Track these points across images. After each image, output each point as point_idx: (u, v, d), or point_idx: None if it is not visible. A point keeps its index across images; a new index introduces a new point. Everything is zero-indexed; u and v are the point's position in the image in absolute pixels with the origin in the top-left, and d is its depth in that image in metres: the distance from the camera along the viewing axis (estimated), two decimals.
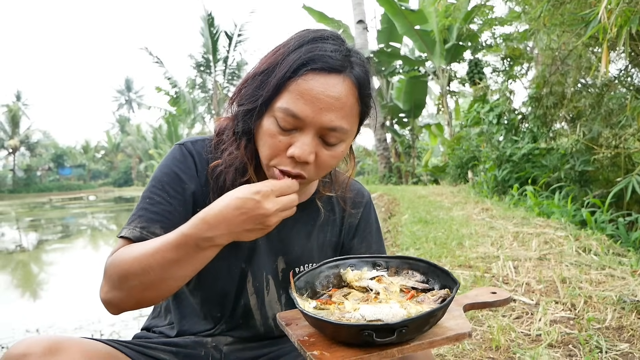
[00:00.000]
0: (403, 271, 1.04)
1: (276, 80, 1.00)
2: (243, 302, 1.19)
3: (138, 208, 1.09)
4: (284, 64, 1.00)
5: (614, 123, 5.76)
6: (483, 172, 9.40)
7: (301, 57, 0.99)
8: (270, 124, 1.01)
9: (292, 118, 0.99)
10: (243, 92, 1.08)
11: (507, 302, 0.99)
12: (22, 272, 7.74)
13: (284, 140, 1.01)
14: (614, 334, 2.00)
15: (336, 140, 1.03)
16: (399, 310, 0.83)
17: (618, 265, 3.02)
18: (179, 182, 1.11)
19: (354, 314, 0.84)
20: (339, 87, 1.00)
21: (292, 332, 0.89)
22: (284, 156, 1.02)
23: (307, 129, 1.00)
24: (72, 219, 17.95)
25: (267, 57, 1.06)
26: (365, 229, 1.33)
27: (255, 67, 1.08)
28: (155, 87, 25.46)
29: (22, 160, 56.49)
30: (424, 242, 4.23)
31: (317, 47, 1.01)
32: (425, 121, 23.37)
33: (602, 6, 3.56)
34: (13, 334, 4.03)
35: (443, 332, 0.83)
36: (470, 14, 13.27)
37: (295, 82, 0.98)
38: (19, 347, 0.87)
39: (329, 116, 0.99)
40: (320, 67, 0.99)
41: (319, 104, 0.98)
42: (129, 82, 78.49)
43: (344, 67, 1.01)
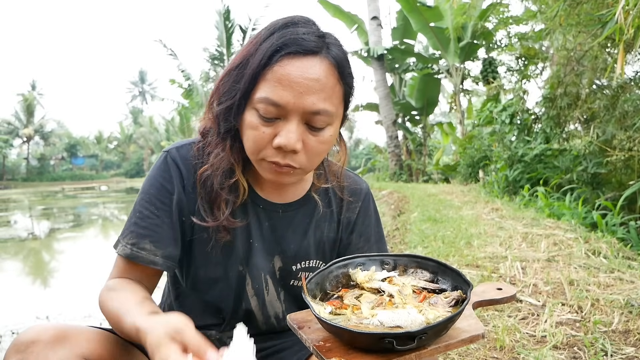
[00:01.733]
0: (411, 270, 1.03)
1: (251, 71, 0.98)
2: (244, 306, 1.19)
3: (130, 222, 1.12)
4: (257, 54, 0.98)
5: (628, 125, 5.70)
6: (494, 171, 9.35)
7: (274, 43, 0.97)
8: (252, 116, 1.00)
9: (272, 107, 0.97)
10: (220, 90, 1.06)
11: (513, 298, 0.99)
12: (34, 260, 7.84)
13: (267, 131, 0.99)
14: (620, 338, 1.99)
15: (322, 124, 1.01)
16: (418, 316, 0.82)
17: (627, 269, 2.99)
18: (165, 193, 1.12)
19: (372, 320, 0.84)
20: (317, 68, 0.98)
21: (307, 336, 0.87)
22: (270, 148, 1.00)
23: (290, 115, 0.98)
24: (83, 209, 18.13)
25: (241, 51, 1.05)
26: (364, 222, 1.30)
27: (230, 62, 1.07)
28: (169, 80, 25.54)
29: (36, 149, 57.14)
30: (432, 241, 4.22)
31: (289, 32, 0.99)
32: (438, 119, 23.30)
33: (620, 7, 3.52)
34: (23, 320, 4.09)
35: (457, 335, 0.83)
36: (485, 12, 13.16)
37: (271, 70, 0.96)
38: (27, 334, 0.89)
39: (311, 99, 0.97)
40: (294, 51, 0.97)
41: (298, 88, 0.96)
42: (143, 73, 79.04)
43: (319, 48, 0.99)
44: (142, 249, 1.08)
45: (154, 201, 1.11)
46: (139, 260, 1.08)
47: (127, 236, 1.10)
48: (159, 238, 1.09)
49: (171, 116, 44.64)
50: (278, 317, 1.22)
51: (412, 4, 13.78)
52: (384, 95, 16.67)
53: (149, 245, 1.08)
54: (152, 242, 1.09)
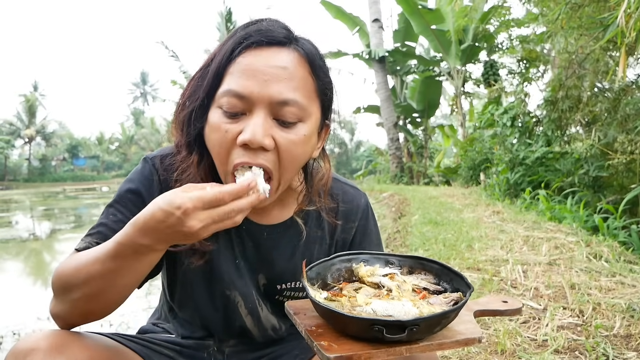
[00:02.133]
0: (416, 271, 1.03)
1: (215, 67, 0.92)
2: (237, 324, 1.15)
3: (99, 222, 1.04)
4: (221, 52, 0.93)
5: (630, 128, 5.70)
6: (495, 174, 9.34)
7: (238, 36, 0.92)
8: (215, 114, 0.92)
9: (236, 99, 0.89)
10: (185, 95, 0.99)
11: (518, 312, 0.97)
12: (35, 260, 7.84)
13: (231, 129, 0.90)
14: (621, 342, 1.99)
15: (293, 117, 0.92)
16: (412, 308, 0.81)
17: (629, 273, 2.99)
18: (142, 201, 1.04)
19: (365, 307, 0.83)
20: (284, 56, 0.91)
21: (300, 321, 0.87)
22: (235, 148, 0.91)
23: (256, 107, 0.89)
24: (85, 209, 18.14)
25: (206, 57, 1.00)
26: (362, 242, 1.21)
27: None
28: (170, 81, 25.55)
29: (37, 149, 57.21)
30: (433, 244, 4.22)
31: (249, 29, 0.94)
32: (439, 122, 23.29)
33: (621, 10, 3.52)
34: (24, 321, 4.10)
35: (453, 336, 0.82)
36: (487, 15, 13.17)
37: (235, 62, 0.90)
38: (25, 343, 0.87)
39: (277, 87, 0.89)
40: (259, 40, 0.91)
41: (262, 76, 0.89)
42: (145, 75, 79.20)
43: (287, 40, 0.93)
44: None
45: (129, 206, 1.04)
46: None
47: (93, 235, 1.01)
48: None
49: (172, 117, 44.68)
50: (275, 328, 1.20)
51: (413, 6, 13.79)
52: (385, 98, 16.68)
53: None
54: None
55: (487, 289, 2.77)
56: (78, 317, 0.93)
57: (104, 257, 0.85)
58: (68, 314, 0.92)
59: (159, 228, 0.80)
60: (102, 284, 0.87)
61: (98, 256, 0.86)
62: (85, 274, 0.87)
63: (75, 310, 0.91)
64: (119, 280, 0.87)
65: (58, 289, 0.91)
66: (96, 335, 1.00)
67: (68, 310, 0.91)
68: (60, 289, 0.91)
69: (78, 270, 0.88)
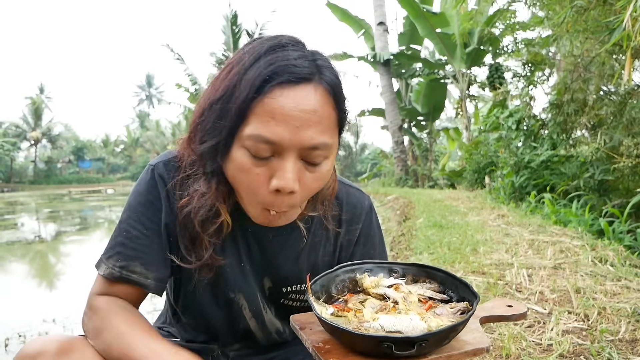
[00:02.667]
0: (420, 279, 1.02)
1: (238, 105, 0.86)
2: (242, 326, 1.15)
3: (116, 242, 1.04)
4: (243, 84, 0.87)
5: (636, 132, 5.68)
6: (500, 177, 9.32)
7: (262, 72, 0.86)
8: (242, 156, 0.89)
9: (266, 144, 0.86)
10: (201, 126, 0.94)
11: (523, 316, 0.97)
12: (40, 262, 7.87)
13: (261, 173, 0.89)
14: (627, 347, 1.98)
15: (320, 159, 0.92)
16: (420, 322, 0.81)
17: (634, 277, 2.98)
18: (154, 211, 1.04)
19: (372, 323, 0.82)
20: (311, 98, 0.87)
21: (307, 337, 0.86)
22: (265, 192, 0.90)
23: (286, 153, 0.87)
24: (90, 212, 18.20)
25: (220, 79, 0.93)
26: (365, 243, 1.22)
27: (208, 93, 0.95)
28: (175, 84, 25.66)
29: (43, 152, 57.48)
30: (437, 247, 4.21)
31: (278, 57, 0.88)
32: (444, 125, 23.23)
33: (627, 13, 3.51)
34: (30, 323, 4.11)
35: (461, 346, 0.82)
36: (492, 18, 13.17)
37: (261, 103, 0.85)
38: (33, 346, 0.89)
39: (308, 133, 0.87)
40: (286, 80, 0.86)
41: (293, 122, 0.85)
42: (150, 77, 79.41)
43: (312, 75, 0.89)
44: (133, 272, 1.02)
45: (142, 220, 1.04)
46: (129, 282, 1.02)
47: (113, 257, 1.03)
48: (150, 260, 1.03)
49: (178, 120, 44.88)
50: (279, 331, 1.20)
51: (417, 10, 13.81)
52: (390, 101, 16.69)
53: (139, 268, 1.02)
54: (142, 265, 1.02)
55: (491, 292, 2.76)
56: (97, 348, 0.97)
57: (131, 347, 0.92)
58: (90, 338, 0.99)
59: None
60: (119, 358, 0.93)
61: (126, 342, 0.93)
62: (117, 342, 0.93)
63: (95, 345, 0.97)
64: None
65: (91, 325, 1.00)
66: None
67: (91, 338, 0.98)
68: (92, 330, 0.99)
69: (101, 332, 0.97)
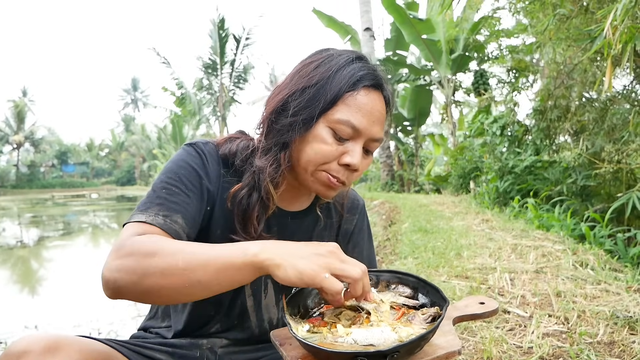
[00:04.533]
0: (393, 285, 1.05)
1: (334, 93, 1.07)
2: (240, 302, 1.21)
3: (154, 196, 1.05)
4: (337, 78, 1.08)
5: (616, 138, 5.78)
6: (485, 183, 9.41)
7: (356, 73, 1.09)
8: (326, 133, 1.08)
9: (351, 129, 1.07)
10: (294, 103, 1.10)
11: (495, 312, 1.00)
12: (22, 268, 7.77)
13: (339, 149, 1.09)
14: (605, 349, 2.01)
15: (374, 149, 1.15)
16: (391, 334, 0.84)
17: (614, 281, 3.03)
18: (197, 176, 1.12)
19: (346, 338, 0.86)
20: (382, 102, 1.13)
21: (287, 353, 0.89)
22: (334, 164, 1.10)
23: (360, 139, 1.10)
24: (73, 216, 18.00)
25: (306, 71, 1.12)
26: (358, 234, 1.41)
27: (297, 80, 1.12)
28: (161, 87, 25.54)
29: (26, 156, 56.71)
30: (422, 252, 4.24)
31: (365, 67, 1.12)
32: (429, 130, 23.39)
33: (608, 22, 3.58)
34: (12, 330, 4.06)
35: (434, 351, 0.84)
36: (477, 25, 13.30)
37: (353, 96, 1.08)
38: (18, 345, 0.88)
39: (376, 128, 1.11)
40: (372, 84, 1.10)
41: (371, 117, 1.09)
42: (135, 81, 78.77)
43: (382, 85, 1.14)
44: (175, 222, 1.02)
45: (184, 181, 1.09)
46: (170, 232, 1.00)
47: (153, 208, 1.02)
48: (190, 217, 1.06)
49: (163, 124, 44.56)
50: (272, 322, 1.25)
51: (404, 16, 13.91)
52: None
53: (182, 221, 1.03)
54: (183, 218, 1.04)
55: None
56: (136, 291, 0.88)
57: (219, 248, 0.89)
58: (130, 283, 0.88)
59: (304, 247, 0.90)
60: (190, 266, 0.86)
61: (216, 248, 0.90)
62: (184, 250, 0.88)
63: (141, 284, 0.87)
64: (203, 272, 0.87)
65: (138, 251, 0.89)
66: (88, 339, 1.01)
67: (133, 280, 0.87)
68: (144, 252, 0.88)
69: (176, 246, 0.90)
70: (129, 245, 0.90)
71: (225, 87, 25.87)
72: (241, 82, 26.24)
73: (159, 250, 0.88)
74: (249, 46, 24.85)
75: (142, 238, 0.92)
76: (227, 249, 0.89)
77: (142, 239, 0.91)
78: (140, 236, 0.93)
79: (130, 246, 0.90)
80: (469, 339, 2.20)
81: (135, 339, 1.24)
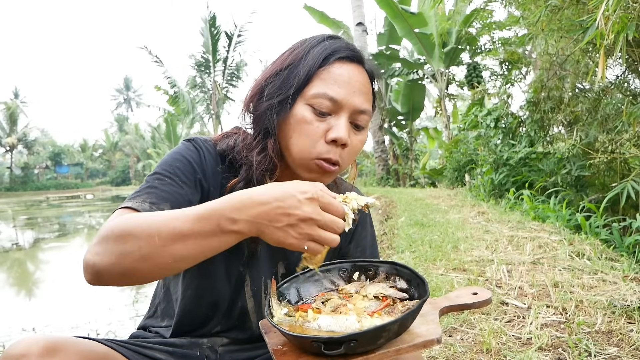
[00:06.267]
0: (391, 277, 1.05)
1: (307, 69, 1.06)
2: (240, 304, 1.19)
3: (146, 185, 1.03)
4: (310, 56, 1.07)
5: (610, 128, 5.79)
6: (480, 175, 9.43)
7: (327, 47, 1.08)
8: (305, 111, 1.06)
9: (329, 101, 1.05)
10: (269, 88, 1.09)
11: (487, 302, 0.99)
12: (19, 271, 7.73)
13: (321, 126, 1.06)
14: (603, 338, 2.02)
15: (364, 124, 1.11)
16: (353, 323, 0.84)
17: (610, 270, 3.04)
18: (192, 170, 1.09)
19: (312, 323, 0.87)
20: (362, 74, 1.11)
21: (269, 340, 0.90)
22: (322, 143, 1.06)
23: (342, 111, 1.07)
24: (69, 218, 17.93)
25: (285, 56, 1.12)
26: (361, 233, 1.35)
27: (273, 65, 1.13)
28: (154, 86, 25.44)
29: (19, 158, 56.42)
30: (419, 245, 4.25)
31: (339, 41, 1.12)
32: (424, 124, 23.41)
33: (600, 13, 3.58)
34: (9, 333, 4.04)
35: (412, 339, 0.84)
36: (469, 18, 13.31)
37: (326, 70, 1.07)
38: (16, 348, 0.87)
39: (359, 99, 1.08)
40: (346, 56, 1.09)
41: (350, 87, 1.07)
42: (128, 80, 78.48)
43: (361, 59, 1.12)
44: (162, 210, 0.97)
45: (178, 173, 1.07)
46: None
47: (142, 195, 1.00)
48: (179, 207, 0.98)
49: (157, 123, 44.42)
50: None
51: (396, 10, 13.89)
52: None
53: (168, 209, 0.98)
54: (172, 208, 0.98)
55: None
56: (117, 274, 0.86)
57: (185, 216, 0.84)
58: (108, 266, 0.85)
59: (269, 205, 0.82)
60: (165, 244, 0.83)
61: (177, 215, 0.85)
62: (154, 228, 0.84)
63: (120, 265, 0.84)
64: (183, 247, 0.84)
65: (112, 235, 0.86)
66: (87, 340, 1.00)
67: (112, 262, 0.85)
68: (115, 236, 0.86)
69: (147, 222, 0.85)
70: (106, 228, 0.88)
71: (219, 84, 25.81)
72: (234, 79, 26.18)
73: (134, 228, 0.85)
74: (242, 43, 24.79)
75: (118, 219, 0.89)
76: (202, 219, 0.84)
77: (117, 220, 0.89)
78: (117, 218, 0.91)
79: (107, 228, 0.88)
80: (468, 331, 2.21)
81: (135, 338, 1.22)
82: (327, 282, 1.08)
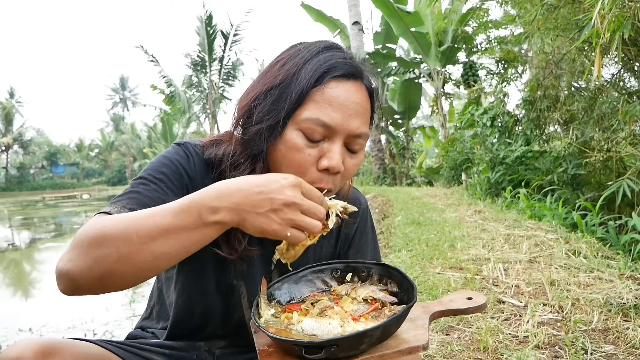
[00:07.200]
0: (384, 279, 1.04)
1: (299, 90, 0.97)
2: (237, 316, 1.17)
3: (129, 190, 0.99)
4: (303, 73, 0.98)
5: (606, 127, 5.80)
6: (476, 174, 9.44)
7: (321, 65, 0.99)
8: (296, 137, 0.98)
9: (322, 127, 0.97)
10: (258, 109, 1.01)
11: (481, 308, 0.97)
12: (15, 271, 7.71)
13: (312, 153, 0.98)
14: (599, 336, 2.03)
15: (359, 147, 1.04)
16: (335, 327, 0.84)
17: (606, 268, 3.05)
18: (180, 176, 1.05)
19: (297, 326, 0.87)
20: (360, 93, 1.01)
21: (257, 340, 0.89)
22: (313, 171, 0.99)
23: (336, 137, 0.99)
24: (65, 218, 17.89)
25: (276, 69, 1.03)
26: (361, 238, 1.30)
27: (263, 81, 1.04)
28: (150, 86, 25.37)
29: (15, 158, 56.23)
30: (416, 244, 4.25)
31: (335, 55, 1.01)
32: (420, 123, 23.42)
33: (595, 11, 3.59)
34: (6, 333, 4.03)
35: (397, 345, 0.83)
36: (465, 17, 13.34)
37: (320, 91, 0.97)
38: (12, 351, 0.86)
39: (356, 122, 0.99)
40: (342, 74, 0.99)
41: (346, 110, 0.98)
42: (124, 80, 78.20)
43: (360, 74, 1.03)
44: None
45: (164, 179, 1.02)
46: None
47: (123, 200, 0.96)
48: None
49: (153, 123, 44.33)
50: None
51: (392, 9, 13.91)
52: None
53: None
54: None
55: (469, 287, 2.80)
56: (94, 279, 0.80)
57: (163, 211, 0.81)
58: (84, 271, 0.79)
59: (249, 191, 0.81)
60: (143, 243, 0.79)
61: (155, 211, 0.82)
62: (130, 227, 0.80)
63: (97, 269, 0.79)
64: (164, 244, 0.80)
65: (85, 240, 0.81)
66: (83, 342, 0.99)
67: (86, 267, 0.79)
68: (89, 240, 0.80)
69: (123, 222, 0.81)
70: (79, 233, 0.83)
71: (215, 84, 25.75)
72: (230, 79, 26.12)
73: (109, 229, 0.81)
74: (238, 42, 24.73)
75: (92, 222, 0.85)
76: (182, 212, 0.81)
77: (91, 224, 0.84)
78: (88, 223, 0.86)
79: (80, 234, 0.83)
80: (465, 329, 2.21)
81: (132, 339, 1.22)
82: (319, 283, 1.07)
